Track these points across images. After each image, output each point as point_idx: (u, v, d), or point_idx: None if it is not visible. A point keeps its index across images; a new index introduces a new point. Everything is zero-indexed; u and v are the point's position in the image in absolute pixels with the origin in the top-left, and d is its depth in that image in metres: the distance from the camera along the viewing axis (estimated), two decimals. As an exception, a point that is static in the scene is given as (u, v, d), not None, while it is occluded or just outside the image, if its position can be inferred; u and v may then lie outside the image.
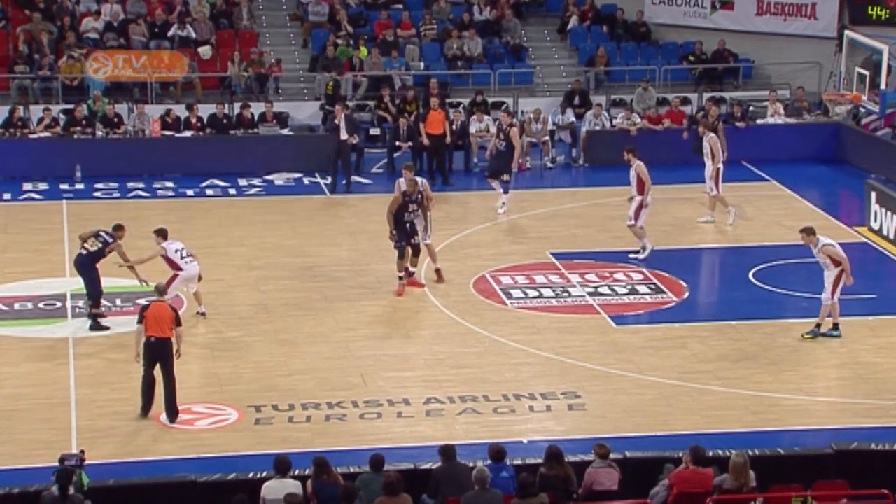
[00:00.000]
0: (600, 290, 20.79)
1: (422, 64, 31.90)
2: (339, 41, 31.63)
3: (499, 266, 21.74)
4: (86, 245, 19.16)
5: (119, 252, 19.15)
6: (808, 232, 18.64)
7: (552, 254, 22.41)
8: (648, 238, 22.04)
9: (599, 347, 18.53)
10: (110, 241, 19.12)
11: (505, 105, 30.41)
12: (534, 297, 20.48)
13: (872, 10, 31.64)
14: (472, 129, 28.32)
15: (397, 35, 32.31)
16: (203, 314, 19.39)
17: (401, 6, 33.35)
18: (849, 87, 29.80)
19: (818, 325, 18.65)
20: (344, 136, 26.45)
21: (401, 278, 20.35)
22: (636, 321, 19.58)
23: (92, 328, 19.00)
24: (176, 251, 19.15)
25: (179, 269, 19.03)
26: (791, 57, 32.46)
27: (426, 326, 19.32)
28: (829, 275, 18.47)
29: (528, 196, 25.91)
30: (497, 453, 13.11)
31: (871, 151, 28.17)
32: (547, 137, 28.56)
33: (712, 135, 24.13)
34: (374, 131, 29.44)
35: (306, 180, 27.18)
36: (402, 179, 20.83)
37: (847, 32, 30.58)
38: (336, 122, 26.54)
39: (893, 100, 28.85)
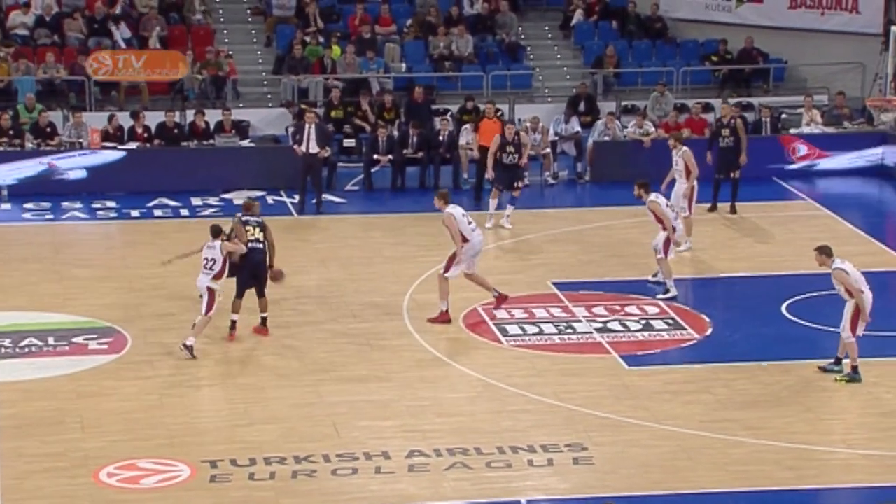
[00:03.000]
0: (610, 325, 20.81)
1: (403, 65, 32.00)
2: (308, 39, 31.73)
3: (493, 298, 21.73)
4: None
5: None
6: (822, 252, 18.59)
7: (554, 283, 22.42)
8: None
9: (609, 392, 18.53)
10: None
11: (500, 112, 30.52)
12: (533, 334, 20.48)
13: (925, 1, 31.86)
14: (462, 141, 28.38)
15: (375, 32, 32.42)
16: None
17: (379, -1, 33.52)
18: (896, 91, 29.98)
19: (854, 368, 18.65)
20: (314, 148, 26.50)
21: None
22: (651, 362, 19.59)
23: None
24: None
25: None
26: (829, 57, 32.63)
27: (408, 367, 19.31)
28: (848, 307, 18.45)
29: (527, 217, 25.96)
30: None
31: (922, 165, 28.35)
32: (548, 150, 28.63)
33: (685, 149, 24.21)
34: (349, 143, 29.51)
35: (270, 199, 27.19)
36: None
37: (894, 28, 30.74)
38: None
39: (949, 106, 29.05)
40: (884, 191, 28.56)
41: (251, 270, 19.84)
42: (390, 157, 28.04)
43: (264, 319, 20.07)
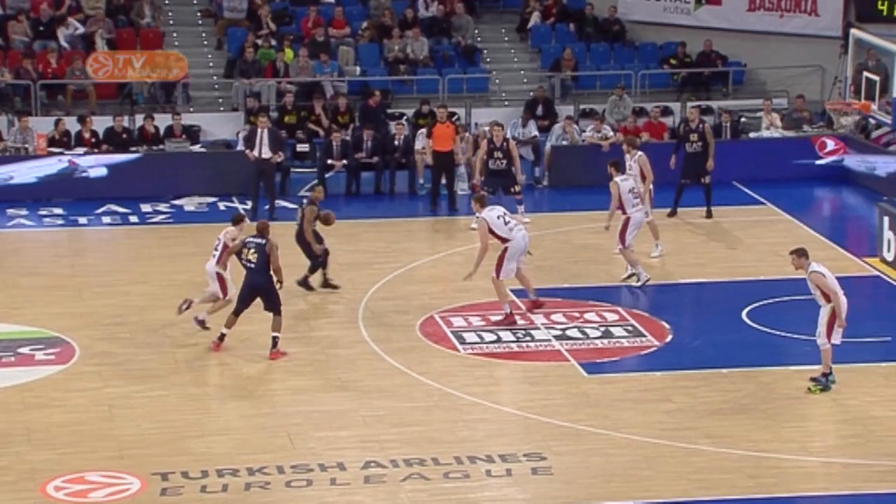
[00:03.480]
0: (569, 332, 20.85)
1: (358, 68, 31.97)
2: (260, 42, 31.65)
3: (450, 305, 21.75)
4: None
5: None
6: (799, 254, 18.65)
7: (512, 290, 22.44)
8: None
9: (568, 400, 18.56)
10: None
11: (456, 116, 30.55)
12: (491, 342, 20.50)
13: (883, 4, 32.05)
14: (418, 146, 28.38)
15: (329, 35, 32.37)
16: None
17: (333, 1, 33.44)
18: (856, 94, 30.13)
19: (825, 375, 18.71)
20: (267, 153, 26.43)
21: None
22: (611, 369, 19.63)
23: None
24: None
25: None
26: (789, 60, 32.81)
27: (364, 377, 19.28)
28: (823, 312, 18.53)
29: (484, 223, 25.94)
30: None
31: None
32: (505, 154, 28.65)
33: (640, 153, 24.32)
34: (303, 148, 29.46)
35: (222, 205, 27.11)
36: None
37: (853, 31, 30.94)
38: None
39: (908, 110, 29.24)
40: (844, 195, 28.75)
41: (247, 290, 19.75)
42: (345, 162, 28.00)
43: (274, 340, 19.78)
